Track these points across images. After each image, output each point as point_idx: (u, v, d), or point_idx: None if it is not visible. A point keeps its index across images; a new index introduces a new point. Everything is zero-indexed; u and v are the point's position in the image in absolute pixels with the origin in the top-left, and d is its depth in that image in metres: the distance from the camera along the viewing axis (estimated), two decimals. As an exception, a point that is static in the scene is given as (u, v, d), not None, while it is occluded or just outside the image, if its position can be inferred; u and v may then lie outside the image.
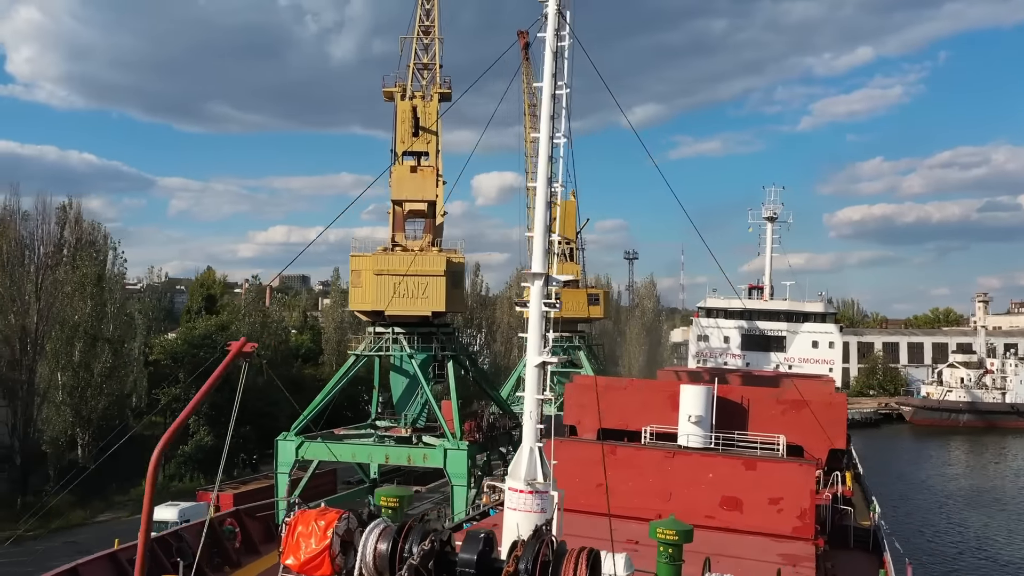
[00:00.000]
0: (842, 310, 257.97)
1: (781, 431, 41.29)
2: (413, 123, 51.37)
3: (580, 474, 36.00)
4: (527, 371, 18.61)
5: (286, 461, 48.12)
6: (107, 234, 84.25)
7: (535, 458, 17.87)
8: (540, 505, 17.57)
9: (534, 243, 18.14)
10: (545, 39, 17.71)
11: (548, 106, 17.80)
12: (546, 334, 18.55)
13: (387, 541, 15.36)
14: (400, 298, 46.79)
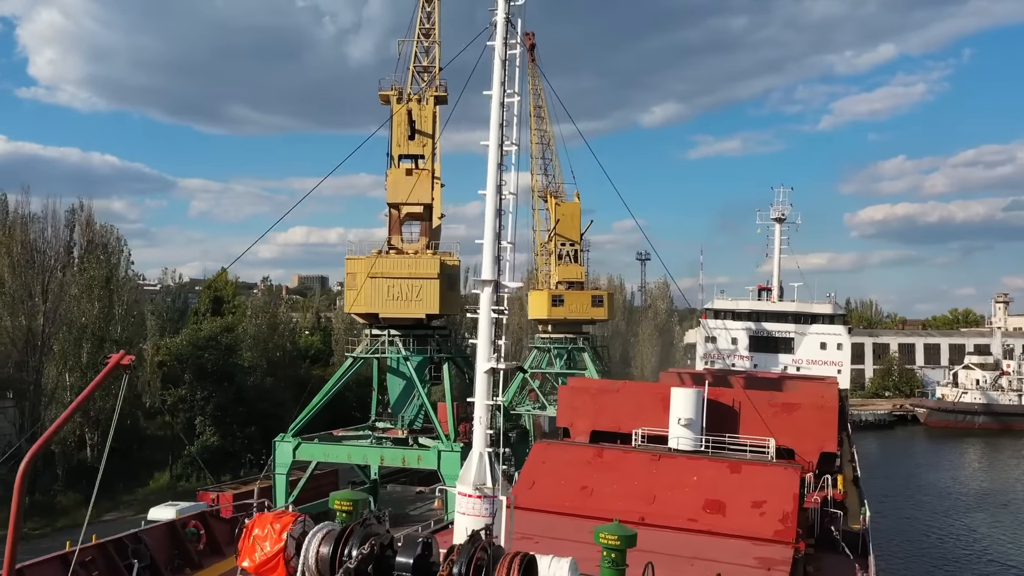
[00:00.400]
0: (860, 311, 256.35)
1: (772, 434, 41.16)
2: (409, 126, 51.65)
3: (565, 476, 36.24)
4: (477, 377, 18.73)
5: (283, 462, 48.56)
6: (120, 236, 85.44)
7: (484, 463, 18.02)
8: (488, 510, 17.73)
9: (484, 251, 18.26)
10: (495, 48, 17.86)
11: (497, 114, 17.95)
12: (496, 341, 18.60)
13: (329, 544, 15.59)
14: (394, 301, 47.11)
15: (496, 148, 17.84)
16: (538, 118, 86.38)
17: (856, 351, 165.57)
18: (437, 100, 53.34)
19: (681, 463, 35.81)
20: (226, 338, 69.35)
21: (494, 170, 17.74)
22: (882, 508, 76.67)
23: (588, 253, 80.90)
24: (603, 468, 36.12)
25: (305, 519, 19.09)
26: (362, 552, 14.95)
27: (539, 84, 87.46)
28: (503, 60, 17.79)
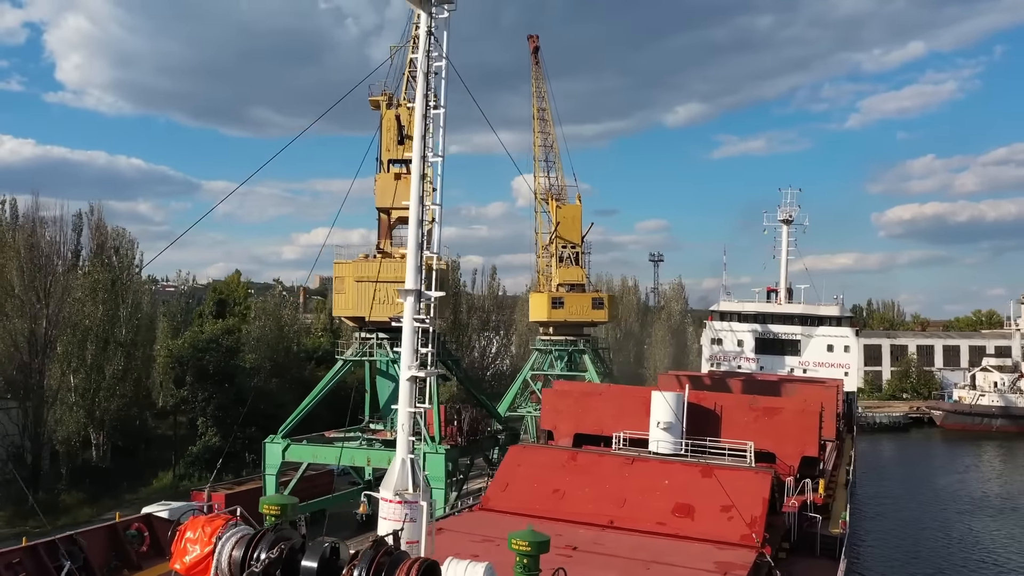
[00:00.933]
0: (881, 312, 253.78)
1: (753, 438, 41.17)
2: (398, 131, 52.03)
3: (539, 479, 36.46)
4: (400, 385, 18.98)
5: (273, 463, 49.13)
6: (133, 239, 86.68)
7: (407, 469, 18.27)
8: (410, 515, 17.98)
9: (407, 260, 18.49)
10: (417, 60, 18.09)
11: (420, 126, 18.18)
12: (420, 349, 18.82)
13: (241, 548, 15.91)
14: (380, 304, 47.48)
15: (419, 160, 18.05)
16: (541, 120, 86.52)
17: (873, 353, 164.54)
18: (428, 104, 53.72)
19: (654, 467, 35.89)
20: (227, 340, 70.14)
21: (417, 181, 17.96)
22: (883, 510, 76.09)
23: (589, 256, 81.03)
24: (577, 471, 36.30)
25: (238, 522, 19.47)
26: (270, 556, 15.24)
27: (543, 87, 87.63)
28: (426, 73, 18.00)
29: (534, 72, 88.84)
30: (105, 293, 71.28)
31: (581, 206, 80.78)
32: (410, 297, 18.53)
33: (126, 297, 74.29)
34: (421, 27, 17.95)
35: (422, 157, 18.09)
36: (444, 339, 53.46)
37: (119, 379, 70.54)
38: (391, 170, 52.34)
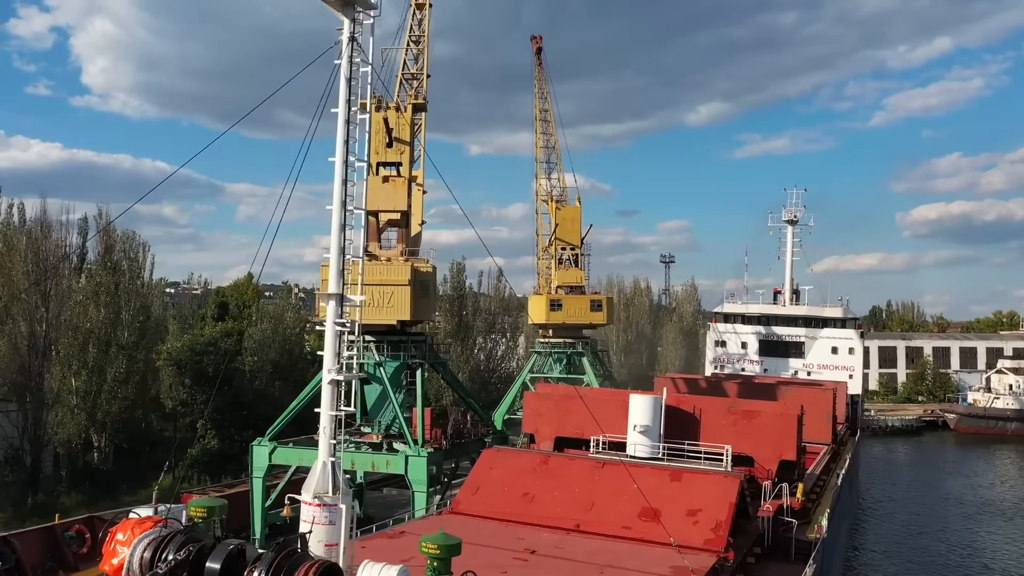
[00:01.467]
0: (901, 313, 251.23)
1: (732, 441, 41.07)
2: (386, 134, 52.36)
3: (509, 483, 36.52)
4: (323, 388, 19.19)
5: (260, 466, 49.53)
6: (144, 243, 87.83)
7: (327, 472, 18.45)
8: (329, 518, 18.14)
9: (330, 264, 18.68)
10: (340, 65, 18.28)
11: (342, 131, 18.37)
12: (341, 352, 19.01)
13: (152, 550, 16.16)
14: (365, 307, 47.73)
15: (341, 165, 18.23)
16: (543, 121, 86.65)
17: (888, 355, 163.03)
18: (416, 108, 53.97)
19: (624, 470, 35.75)
20: (226, 343, 70.78)
21: (339, 186, 18.13)
22: (883, 514, 75.38)
23: (589, 257, 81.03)
24: (548, 475, 36.32)
25: (167, 523, 19.76)
26: (176, 557, 15.47)
27: (545, 88, 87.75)
28: (347, 79, 18.19)
29: (537, 73, 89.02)
30: (108, 296, 72.06)
31: (580, 208, 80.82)
32: (332, 301, 18.71)
33: (131, 300, 75.01)
34: (344, 33, 18.10)
35: (344, 162, 18.26)
36: (431, 340, 53.56)
37: (121, 382, 71.35)
38: (380, 173, 52.61)
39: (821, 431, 63.50)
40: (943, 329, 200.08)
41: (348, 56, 17.91)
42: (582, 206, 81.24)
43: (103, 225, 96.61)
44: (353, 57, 17.98)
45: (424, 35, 60.97)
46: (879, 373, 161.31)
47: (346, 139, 18.25)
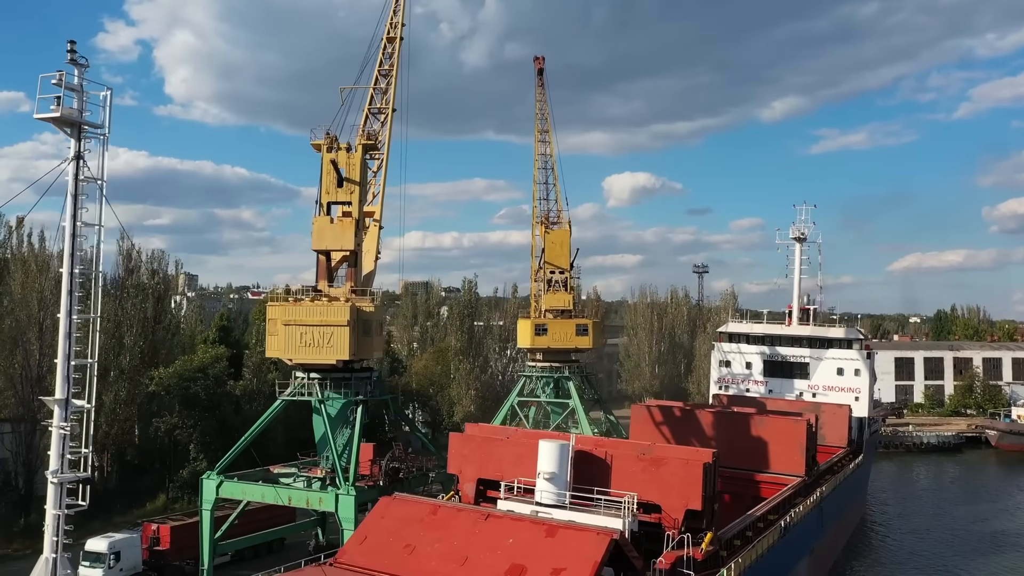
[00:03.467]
0: (966, 318, 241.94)
1: (640, 488, 40.90)
2: (336, 175, 53.53)
3: (396, 533, 37.26)
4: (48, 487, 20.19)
5: (208, 499, 51.24)
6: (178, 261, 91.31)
7: (48, 569, 19.49)
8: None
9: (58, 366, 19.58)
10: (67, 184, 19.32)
11: (69, 244, 19.34)
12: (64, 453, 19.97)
13: None
14: (307, 347, 49.11)
15: (68, 276, 19.23)
16: (543, 143, 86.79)
17: (935, 366, 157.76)
18: (366, 148, 54.94)
19: (505, 524, 36.17)
20: (215, 369, 73.08)
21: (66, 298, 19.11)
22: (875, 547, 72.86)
23: (579, 280, 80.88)
24: (434, 526, 36.89)
25: None
26: None
27: (546, 109, 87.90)
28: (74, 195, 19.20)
29: (538, 94, 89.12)
30: (109, 323, 74.98)
31: (570, 231, 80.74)
32: (56, 407, 19.71)
33: (133, 325, 77.84)
34: (71, 151, 19.12)
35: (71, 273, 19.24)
36: (378, 375, 54.56)
37: (125, 403, 74.33)
38: (332, 212, 53.84)
39: (791, 463, 62.37)
40: (1010, 336, 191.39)
41: (74, 173, 18.88)
42: (572, 229, 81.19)
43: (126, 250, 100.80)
44: (79, 174, 18.95)
45: (394, 68, 61.93)
46: (924, 385, 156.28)
47: (72, 252, 19.20)
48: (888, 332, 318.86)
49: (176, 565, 53.23)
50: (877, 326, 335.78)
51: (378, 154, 59.17)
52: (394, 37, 62.01)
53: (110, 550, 50.06)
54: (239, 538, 55.37)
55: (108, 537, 51.46)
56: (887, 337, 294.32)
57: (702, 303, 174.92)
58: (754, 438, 64.19)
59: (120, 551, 50.43)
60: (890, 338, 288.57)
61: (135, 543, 51.75)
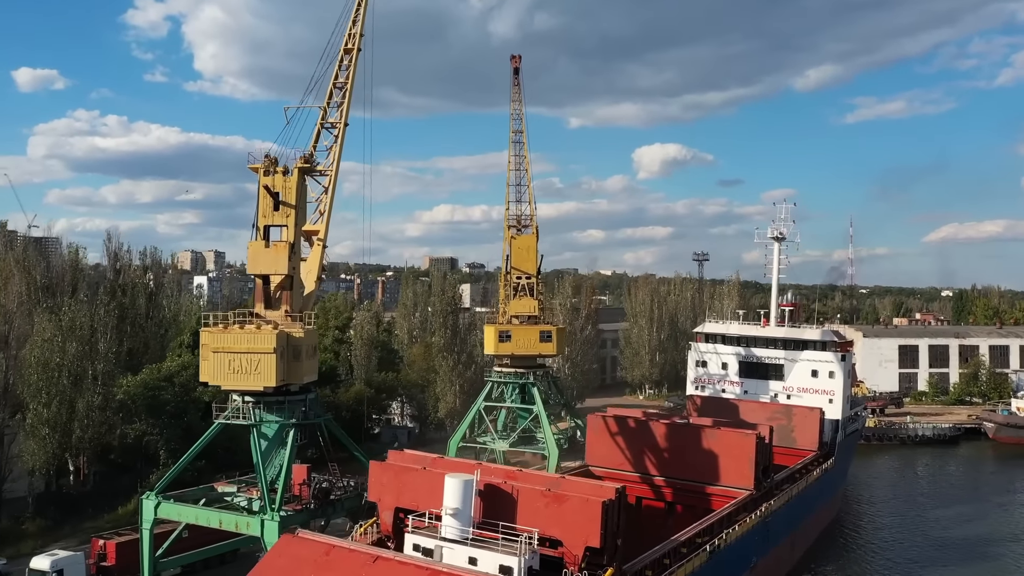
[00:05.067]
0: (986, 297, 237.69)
1: (544, 524, 41.37)
2: (272, 199, 53.98)
3: (291, 573, 38.13)
4: None
5: (148, 518, 52.55)
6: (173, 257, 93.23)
7: None
8: None
9: None
10: None
11: None
12: None
13: None
14: (235, 373, 49.91)
15: None
16: (517, 143, 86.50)
17: (940, 353, 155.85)
18: (303, 171, 55.16)
19: (391, 568, 36.88)
20: (181, 377, 74.45)
21: None
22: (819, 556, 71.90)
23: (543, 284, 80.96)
24: (326, 567, 37.72)
25: None
26: None
27: (521, 110, 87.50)
28: None
29: (514, 94, 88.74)
30: (82, 331, 76.47)
31: (536, 237, 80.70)
32: None
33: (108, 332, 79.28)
34: None
35: None
36: (315, 395, 55.22)
37: (100, 408, 75.91)
38: (268, 236, 54.26)
39: (740, 476, 62.55)
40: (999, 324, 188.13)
41: None
42: (538, 236, 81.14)
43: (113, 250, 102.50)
44: None
45: (349, 81, 61.69)
46: (929, 373, 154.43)
47: None
48: (911, 310, 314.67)
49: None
50: (899, 304, 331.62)
51: (326, 171, 59.12)
52: (352, 48, 61.21)
53: (52, 568, 51.56)
54: (186, 553, 56.63)
55: (52, 555, 52.98)
56: (910, 315, 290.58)
57: (702, 291, 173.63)
58: (705, 451, 64.35)
59: (63, 568, 51.93)
60: (912, 316, 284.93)
61: (79, 561, 53.28)
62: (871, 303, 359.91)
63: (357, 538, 45.82)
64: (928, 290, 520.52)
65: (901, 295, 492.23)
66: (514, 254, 79.77)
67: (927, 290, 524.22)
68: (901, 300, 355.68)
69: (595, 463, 68.60)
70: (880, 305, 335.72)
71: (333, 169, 59.29)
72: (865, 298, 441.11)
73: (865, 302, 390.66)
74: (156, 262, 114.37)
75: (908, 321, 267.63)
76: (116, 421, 76.99)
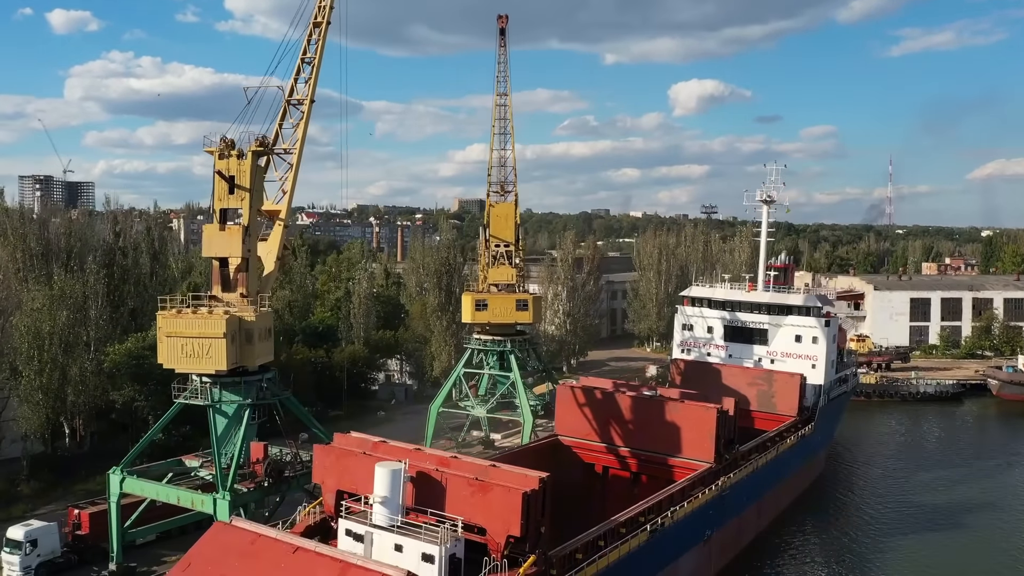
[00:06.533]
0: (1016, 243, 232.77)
1: (470, 512, 42.57)
2: (227, 183, 54.73)
3: (217, 562, 39.93)
4: None
5: (114, 492, 54.88)
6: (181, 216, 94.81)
7: None
8: None
9: None
10: None
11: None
12: None
13: None
14: (188, 357, 51.44)
15: None
16: (502, 106, 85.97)
17: (952, 307, 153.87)
18: (256, 155, 55.53)
19: (309, 559, 38.33)
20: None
21: None
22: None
23: (523, 252, 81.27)
24: (250, 556, 39.32)
25: None
26: None
27: (506, 72, 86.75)
28: None
29: (500, 55, 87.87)
30: (73, 299, 78.69)
31: (515, 205, 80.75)
32: None
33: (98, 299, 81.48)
34: None
35: None
36: (273, 374, 56.59)
37: (94, 373, 78.38)
38: (225, 219, 55.15)
39: (701, 449, 63.37)
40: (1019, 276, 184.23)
41: None
42: (518, 205, 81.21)
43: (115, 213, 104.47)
44: None
45: (317, 55, 61.51)
46: (940, 326, 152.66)
47: None
48: (941, 254, 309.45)
49: (96, 547, 57.30)
50: (930, 248, 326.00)
51: (291, 149, 59.41)
52: (320, 22, 60.71)
53: (26, 538, 54.14)
54: (161, 522, 58.96)
55: (26, 525, 55.52)
56: (939, 260, 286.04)
57: (710, 244, 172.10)
58: (669, 423, 65.16)
59: (37, 539, 54.55)
60: (942, 261, 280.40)
61: (52, 531, 55.82)
62: (904, 246, 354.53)
63: (302, 518, 47.43)
64: (968, 230, 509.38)
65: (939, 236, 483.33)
66: (493, 222, 79.99)
67: (967, 230, 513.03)
68: (932, 244, 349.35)
69: (564, 432, 69.80)
70: (911, 248, 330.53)
71: (298, 148, 59.54)
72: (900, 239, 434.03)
73: (899, 244, 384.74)
74: (161, 220, 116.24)
75: (937, 266, 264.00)
76: (108, 386, 79.54)
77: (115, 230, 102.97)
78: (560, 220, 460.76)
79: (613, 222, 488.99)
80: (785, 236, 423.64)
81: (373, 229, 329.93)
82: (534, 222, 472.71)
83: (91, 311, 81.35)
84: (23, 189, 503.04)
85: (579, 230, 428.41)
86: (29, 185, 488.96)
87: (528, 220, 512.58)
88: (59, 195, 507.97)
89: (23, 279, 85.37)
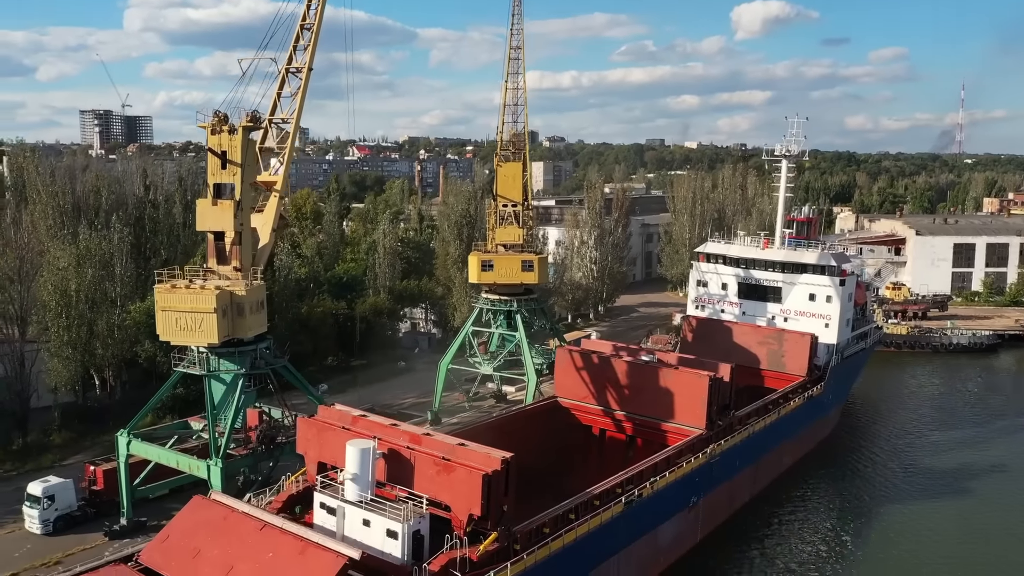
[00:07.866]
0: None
1: (436, 490, 44.31)
2: (220, 158, 56.07)
3: (193, 536, 42.48)
4: None
5: (122, 453, 58.03)
6: None
7: None
8: None
9: None
10: None
11: None
12: None
13: None
14: (182, 331, 53.59)
15: None
16: (515, 60, 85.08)
17: (999, 252, 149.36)
18: (248, 129, 56.53)
19: (274, 536, 40.48)
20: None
21: None
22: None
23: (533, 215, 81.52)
24: (222, 531, 41.69)
25: None
26: None
27: (520, 24, 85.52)
28: None
29: (514, 8, 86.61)
30: (99, 256, 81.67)
31: (521, 164, 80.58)
32: None
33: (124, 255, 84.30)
34: None
35: None
36: (268, 343, 58.59)
37: (120, 327, 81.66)
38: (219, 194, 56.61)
39: (693, 416, 64.06)
40: None
41: None
42: (527, 164, 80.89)
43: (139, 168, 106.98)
44: None
45: (316, 22, 61.59)
46: (985, 272, 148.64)
47: None
48: (1005, 189, 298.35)
49: (111, 501, 60.95)
50: (993, 183, 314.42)
51: (288, 119, 60.14)
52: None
53: (44, 494, 57.94)
54: (169, 480, 62.01)
55: (44, 481, 59.21)
56: (1003, 195, 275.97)
57: (745, 188, 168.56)
58: (662, 389, 65.88)
59: (54, 494, 58.32)
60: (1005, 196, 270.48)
61: (68, 487, 59.45)
62: (968, 179, 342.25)
63: (287, 487, 49.80)
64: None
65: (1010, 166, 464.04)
66: (500, 181, 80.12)
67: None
68: (996, 177, 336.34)
69: (563, 395, 71.05)
70: (973, 182, 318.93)
71: (295, 117, 60.15)
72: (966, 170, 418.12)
73: (964, 175, 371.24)
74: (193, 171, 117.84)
75: (1000, 202, 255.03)
76: (134, 340, 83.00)
77: (145, 183, 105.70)
78: (611, 152, 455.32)
79: (666, 153, 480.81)
80: (845, 167, 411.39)
81: (415, 167, 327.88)
82: (585, 154, 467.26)
83: (116, 268, 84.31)
84: (84, 123, 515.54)
85: (630, 163, 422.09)
86: (89, 120, 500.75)
87: (580, 152, 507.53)
88: (118, 130, 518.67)
89: (53, 235, 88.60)
